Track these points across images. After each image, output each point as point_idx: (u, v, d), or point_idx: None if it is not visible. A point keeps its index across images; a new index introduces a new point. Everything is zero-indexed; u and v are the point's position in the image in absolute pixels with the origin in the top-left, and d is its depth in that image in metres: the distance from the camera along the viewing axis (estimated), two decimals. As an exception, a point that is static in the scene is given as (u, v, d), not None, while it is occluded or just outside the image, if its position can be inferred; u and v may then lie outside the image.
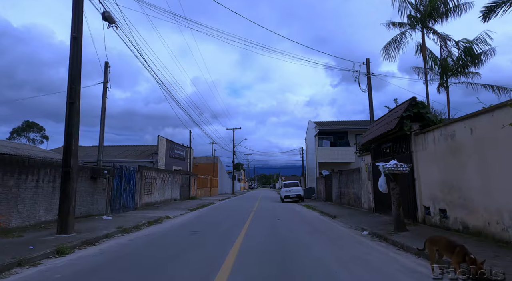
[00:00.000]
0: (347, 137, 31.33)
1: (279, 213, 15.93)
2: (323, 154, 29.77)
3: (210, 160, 46.85)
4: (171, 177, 23.32)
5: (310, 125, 34.14)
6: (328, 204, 21.95)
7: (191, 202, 23.81)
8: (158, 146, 34.01)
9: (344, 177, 19.11)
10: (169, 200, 22.46)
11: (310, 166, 36.65)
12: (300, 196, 26.53)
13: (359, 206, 15.92)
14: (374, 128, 12.96)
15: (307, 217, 13.76)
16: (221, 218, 13.39)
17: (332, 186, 22.57)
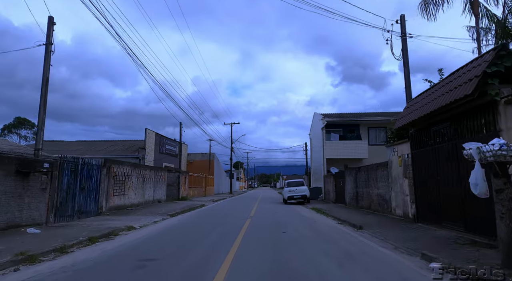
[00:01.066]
0: (359, 130, 27.66)
1: (283, 220, 12.31)
2: (332, 149, 26.11)
3: (206, 157, 43.24)
4: (154, 174, 19.70)
5: (316, 118, 30.48)
6: (341, 207, 18.32)
7: (178, 204, 20.19)
8: (146, 140, 30.41)
9: (362, 175, 15.48)
10: (150, 202, 18.84)
11: (315, 163, 33.01)
12: (305, 197, 22.91)
13: (387, 211, 12.29)
14: (418, 104, 9.32)
15: (323, 228, 10.13)
16: (203, 230, 9.76)
17: (345, 186, 18.94)
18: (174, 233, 8.88)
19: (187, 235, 8.58)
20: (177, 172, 25.91)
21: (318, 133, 29.31)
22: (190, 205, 18.81)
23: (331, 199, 23.37)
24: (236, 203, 24.65)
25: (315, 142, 33.07)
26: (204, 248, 6.81)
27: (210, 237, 8.17)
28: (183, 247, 6.91)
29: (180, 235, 8.63)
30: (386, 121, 26.78)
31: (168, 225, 10.53)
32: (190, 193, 29.13)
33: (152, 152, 31.73)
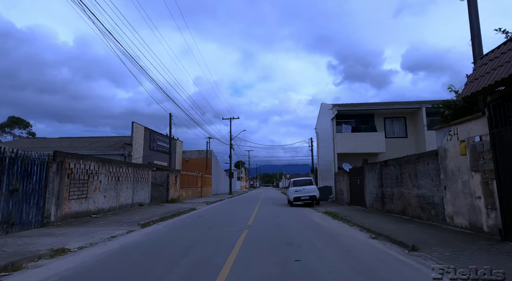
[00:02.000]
0: (373, 121, 24.25)
1: (293, 233, 8.95)
2: (344, 143, 22.70)
3: (202, 155, 39.90)
4: (134, 172, 16.36)
5: (324, 108, 27.07)
6: (360, 210, 14.94)
7: (163, 208, 16.86)
8: (133, 135, 27.10)
9: (392, 170, 12.09)
10: (128, 206, 15.51)
11: (323, 160, 29.61)
12: (314, 198, 19.56)
13: (436, 219, 8.91)
14: (503, 58, 5.93)
15: (355, 248, 6.73)
16: (169, 256, 6.39)
17: (363, 185, 15.55)
18: (118, 265, 5.51)
19: (136, 269, 5.22)
20: (166, 170, 22.57)
21: (326, 125, 25.92)
22: (177, 210, 15.47)
23: (344, 200, 19.97)
24: (233, 205, 21.29)
25: (322, 136, 29.67)
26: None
27: (171, 276, 4.80)
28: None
29: (123, 269, 5.26)
30: (406, 109, 23.36)
31: (124, 245, 7.17)
32: (183, 195, 25.80)
33: (141, 148, 28.43)
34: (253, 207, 18.86)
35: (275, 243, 7.18)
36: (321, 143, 30.67)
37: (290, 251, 6.32)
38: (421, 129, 22.26)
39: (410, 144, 23.27)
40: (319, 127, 31.02)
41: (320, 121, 29.94)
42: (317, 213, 15.06)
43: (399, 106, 22.99)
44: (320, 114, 29.79)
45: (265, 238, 7.94)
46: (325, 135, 27.13)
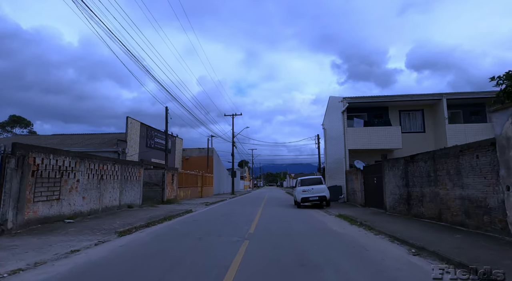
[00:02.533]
0: (388, 115, 22.21)
1: (306, 244, 7.03)
2: (355, 138, 20.70)
3: (203, 153, 38.05)
4: (122, 170, 14.51)
5: (334, 102, 25.08)
6: (379, 213, 12.97)
7: (155, 210, 15.01)
8: (127, 131, 25.30)
9: (422, 166, 10.11)
10: (113, 208, 13.66)
11: (331, 158, 27.62)
12: (324, 199, 17.62)
13: (492, 227, 6.93)
14: None
15: (396, 274, 4.79)
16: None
17: (383, 184, 13.55)
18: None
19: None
20: (162, 168, 20.72)
21: (336, 120, 23.93)
22: (169, 212, 13.60)
23: (357, 201, 17.98)
24: (234, 207, 19.38)
25: (331, 132, 27.68)
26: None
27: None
28: None
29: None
30: (425, 101, 21.29)
31: (77, 267, 5.26)
32: (181, 195, 23.96)
33: (137, 145, 26.64)
34: (256, 209, 16.94)
35: (284, 263, 5.26)
36: (329, 140, 28.68)
37: (307, 277, 4.40)
38: (442, 122, 20.20)
39: (428, 139, 21.22)
40: (327, 122, 29.02)
41: (329, 116, 27.94)
42: (330, 217, 13.11)
43: (417, 98, 20.92)
44: (329, 108, 27.79)
45: (271, 254, 6.02)
46: (334, 131, 25.14)
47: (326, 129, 30.44)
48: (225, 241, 7.30)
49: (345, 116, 21.07)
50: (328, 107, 27.92)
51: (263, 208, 18.15)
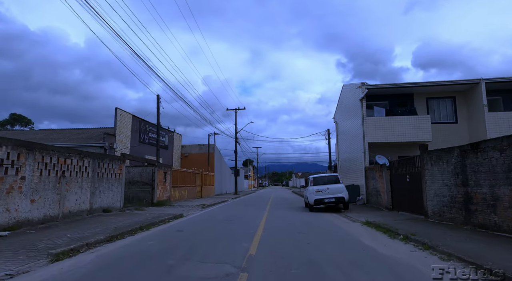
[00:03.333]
0: (412, 103, 19.19)
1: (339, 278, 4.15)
2: (376, 130, 17.75)
3: (204, 150, 35.28)
4: (93, 165, 11.74)
5: (349, 90, 22.12)
6: (419, 220, 10.05)
7: (137, 215, 12.24)
8: (116, 124, 22.62)
9: (494, 158, 7.15)
10: (82, 213, 10.89)
11: (345, 153, 24.66)
12: (342, 201, 14.73)
13: None
14: None
15: None
16: None
17: (423, 182, 10.57)
18: None
19: None
20: (151, 165, 17.95)
21: (351, 110, 20.98)
22: (151, 219, 10.81)
23: (382, 204, 15.02)
24: (235, 210, 16.55)
25: (344, 125, 24.72)
26: None
27: None
28: None
29: None
30: (458, 87, 18.11)
31: None
32: (175, 195, 21.19)
33: (128, 140, 23.95)
34: (260, 213, 14.07)
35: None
36: (342, 134, 25.72)
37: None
38: (478, 111, 17.15)
39: (461, 130, 18.18)
40: (340, 115, 26.05)
41: (342, 108, 24.96)
42: (355, 225, 10.20)
43: (448, 83, 17.87)
44: (342, 98, 24.82)
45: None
46: (349, 123, 22.18)
47: (338, 122, 27.49)
48: (208, 277, 4.45)
49: (364, 104, 18.10)
50: (342, 97, 24.95)
51: (269, 211, 15.29)
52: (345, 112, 23.33)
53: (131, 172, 19.24)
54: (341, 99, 25.11)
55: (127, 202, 16.18)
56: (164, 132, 30.32)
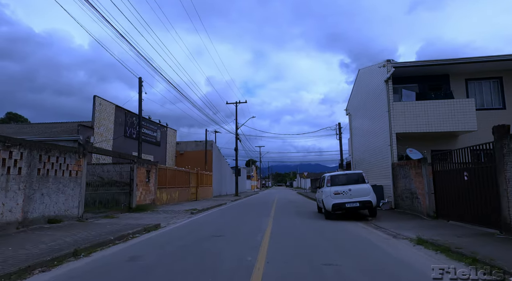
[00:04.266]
0: (448, 85, 15.82)
1: None
2: (406, 117, 14.40)
3: (201, 147, 32.03)
4: (29, 158, 8.47)
5: (368, 72, 18.78)
6: (494, 236, 6.69)
7: (94, 227, 8.99)
8: (95, 115, 19.47)
9: None
10: (9, 226, 7.62)
11: (361, 148, 21.29)
12: (369, 206, 11.46)
13: None
14: None
15: None
16: None
17: (500, 182, 7.19)
18: None
19: None
20: (130, 162, 14.71)
21: (371, 97, 17.62)
22: (108, 234, 7.55)
23: (420, 210, 11.62)
24: (231, 217, 13.26)
25: (360, 116, 21.36)
26: None
27: None
28: None
29: None
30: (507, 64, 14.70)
31: None
32: (163, 198, 17.94)
33: (110, 133, 20.76)
34: (262, 223, 10.74)
35: None
36: (357, 128, 22.36)
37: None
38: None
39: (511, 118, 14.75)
40: (355, 104, 22.69)
41: (358, 96, 21.60)
42: (402, 244, 6.86)
43: (494, 59, 14.44)
44: (358, 86, 21.47)
45: None
46: (367, 113, 18.81)
47: (352, 114, 24.13)
48: None
49: (390, 86, 14.74)
50: (357, 84, 21.60)
51: (274, 219, 11.96)
52: (363, 100, 19.96)
53: (110, 171, 16.02)
54: (357, 86, 21.75)
55: (101, 207, 13.00)
56: (155, 127, 27.12)
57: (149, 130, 26.03)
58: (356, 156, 23.09)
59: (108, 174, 15.87)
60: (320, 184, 14.00)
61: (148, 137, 25.80)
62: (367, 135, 19.15)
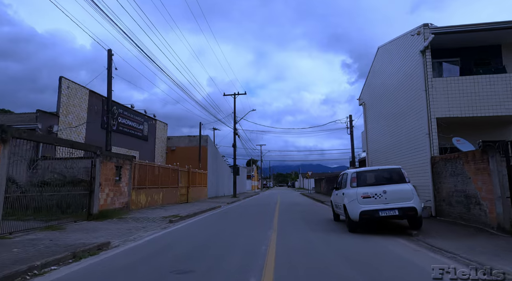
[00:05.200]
0: (500, 59, 12.48)
1: None
2: (451, 97, 11.06)
3: (195, 143, 28.71)
4: None
5: (387, 51, 15.46)
6: None
7: (6, 246, 5.59)
8: (61, 100, 16.22)
9: None
10: None
11: (382, 141, 17.94)
12: (413, 214, 8.13)
13: None
14: None
15: None
16: None
17: None
18: None
19: None
20: (92, 155, 11.41)
21: (399, 76, 14.28)
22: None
23: (484, 220, 8.23)
24: (218, 230, 9.93)
25: (378, 105, 18.03)
26: None
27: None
28: None
29: None
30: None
31: None
32: (141, 201, 14.64)
33: (82, 121, 17.51)
34: (261, 239, 7.40)
35: None
36: (375, 118, 19.01)
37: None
38: None
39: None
40: (372, 90, 19.36)
41: (376, 78, 18.24)
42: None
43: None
44: (376, 67, 18.14)
45: None
46: (391, 98, 15.46)
47: (367, 103, 20.81)
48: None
49: (428, 58, 11.39)
50: (375, 65, 18.28)
51: (278, 232, 8.61)
52: (384, 84, 16.61)
53: (75, 167, 12.75)
54: (375, 69, 18.42)
55: (56, 213, 9.77)
56: (141, 118, 23.84)
57: (134, 122, 22.77)
58: (372, 152, 19.76)
59: (72, 171, 12.64)
60: (338, 184, 10.66)
61: (133, 130, 22.54)
62: (390, 125, 15.81)
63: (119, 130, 20.88)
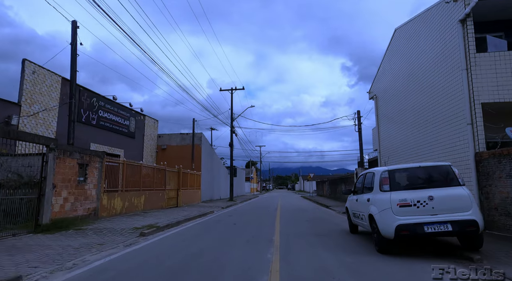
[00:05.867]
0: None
1: None
2: (499, 76, 8.71)
3: (188, 141, 26.30)
4: None
5: (410, 27, 13.15)
6: None
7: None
8: (23, 87, 13.82)
9: None
10: None
11: (401, 137, 15.57)
12: (472, 230, 5.68)
13: None
14: None
15: None
16: None
17: None
18: None
19: None
20: (48, 150, 9.01)
21: (426, 56, 11.94)
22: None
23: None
24: (199, 249, 7.52)
25: (396, 96, 15.67)
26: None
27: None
28: None
29: None
30: None
31: None
32: (115, 206, 12.21)
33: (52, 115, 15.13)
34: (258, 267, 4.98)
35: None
36: (390, 112, 16.64)
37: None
38: None
39: None
40: (387, 79, 17.01)
41: (393, 64, 15.90)
42: None
43: None
44: (393, 51, 15.81)
45: None
46: (415, 83, 13.10)
47: (379, 97, 18.47)
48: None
49: (471, 28, 9.05)
50: (391, 50, 15.97)
51: (281, 251, 6.20)
52: (404, 68, 14.26)
53: (34, 166, 10.41)
54: (390, 54, 16.09)
55: (5, 223, 7.42)
56: (127, 113, 21.45)
57: (119, 117, 20.38)
58: (385, 150, 17.39)
59: (30, 170, 10.34)
60: (357, 186, 8.28)
61: (117, 126, 20.16)
62: (410, 117, 13.44)
63: (100, 125, 18.50)
